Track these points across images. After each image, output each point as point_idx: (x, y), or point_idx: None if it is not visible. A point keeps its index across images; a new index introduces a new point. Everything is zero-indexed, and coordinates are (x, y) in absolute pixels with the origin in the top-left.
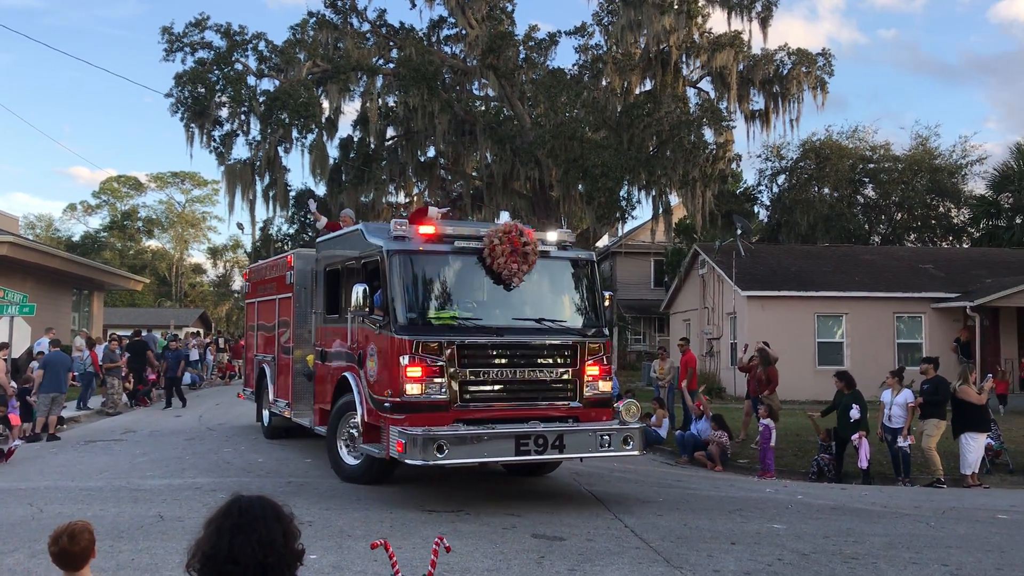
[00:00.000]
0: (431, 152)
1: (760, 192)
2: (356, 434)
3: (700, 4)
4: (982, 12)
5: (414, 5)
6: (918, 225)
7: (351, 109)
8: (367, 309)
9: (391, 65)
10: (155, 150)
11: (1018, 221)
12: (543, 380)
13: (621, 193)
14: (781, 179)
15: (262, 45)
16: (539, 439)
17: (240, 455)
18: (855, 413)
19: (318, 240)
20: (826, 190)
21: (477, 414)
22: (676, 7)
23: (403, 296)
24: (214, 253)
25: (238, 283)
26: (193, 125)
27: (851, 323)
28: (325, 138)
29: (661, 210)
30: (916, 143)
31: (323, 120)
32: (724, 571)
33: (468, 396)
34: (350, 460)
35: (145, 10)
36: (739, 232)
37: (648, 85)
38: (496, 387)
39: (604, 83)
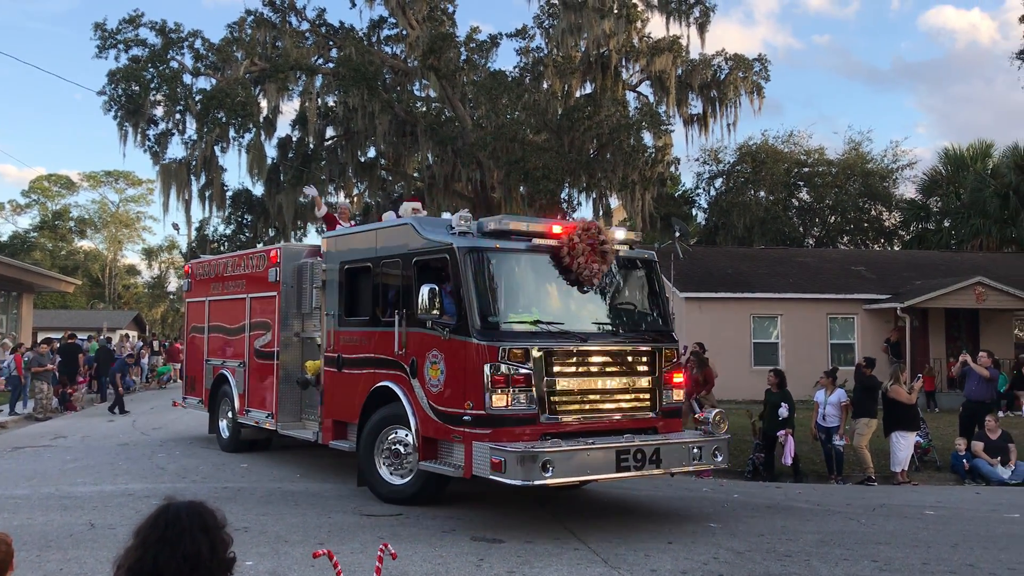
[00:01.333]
0: (372, 152)
1: (698, 195)
2: (403, 451)
3: (639, 9)
4: (912, 20)
5: (354, 5)
6: (851, 228)
7: (290, 109)
8: (436, 312)
9: (330, 65)
10: (87, 148)
11: (946, 224)
12: (626, 389)
13: (562, 195)
14: (718, 182)
15: (198, 43)
16: (638, 453)
17: (175, 460)
18: (783, 411)
19: (329, 234)
20: (762, 193)
21: (563, 427)
22: (616, 12)
23: (482, 298)
24: (149, 254)
25: (174, 284)
26: (127, 124)
27: (786, 324)
28: (263, 138)
29: (601, 212)
30: (849, 148)
31: (261, 120)
32: (661, 570)
33: (555, 407)
34: (394, 479)
35: (76, 5)
36: (677, 234)
37: (588, 88)
38: (582, 397)
39: (545, 86)
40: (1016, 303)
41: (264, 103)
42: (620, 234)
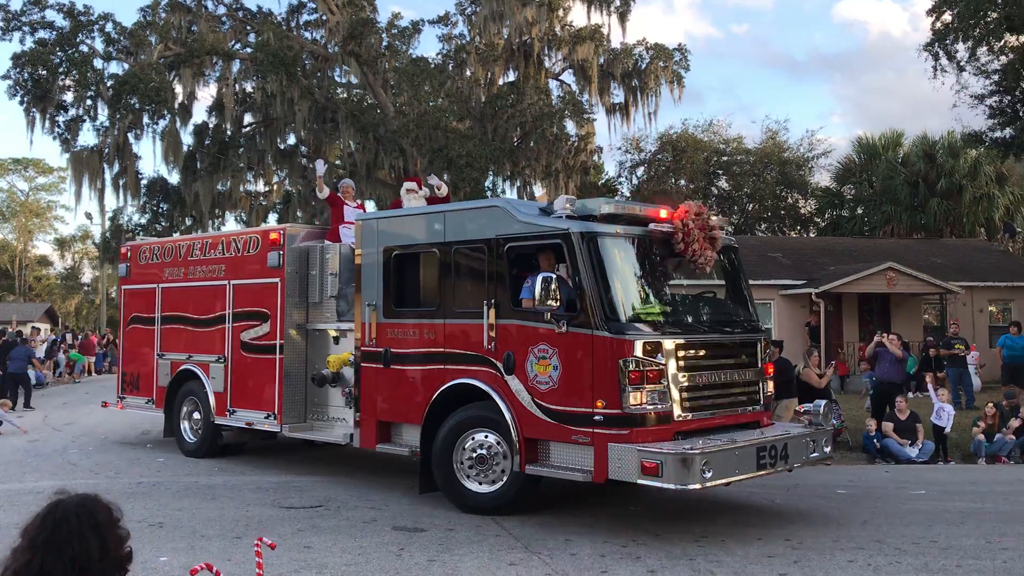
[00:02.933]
0: (291, 139)
1: (621, 183)
2: (486, 454)
3: None
4: (827, 10)
5: None
6: (768, 215)
7: (206, 95)
8: (553, 303)
9: (248, 50)
10: None
11: (859, 212)
12: (740, 383)
13: (486, 183)
14: (640, 171)
15: (109, 26)
16: (772, 449)
17: (88, 456)
18: None
19: (367, 216)
20: (682, 182)
21: (691, 425)
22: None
23: (610, 287)
24: (61, 244)
25: (89, 275)
26: (34, 109)
27: None
28: (179, 124)
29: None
30: (766, 137)
31: (176, 106)
32: (580, 554)
33: (684, 404)
34: (480, 487)
35: None
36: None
37: (511, 76)
38: (707, 393)
39: (468, 73)
40: (924, 287)
41: (179, 89)
42: (713, 219)
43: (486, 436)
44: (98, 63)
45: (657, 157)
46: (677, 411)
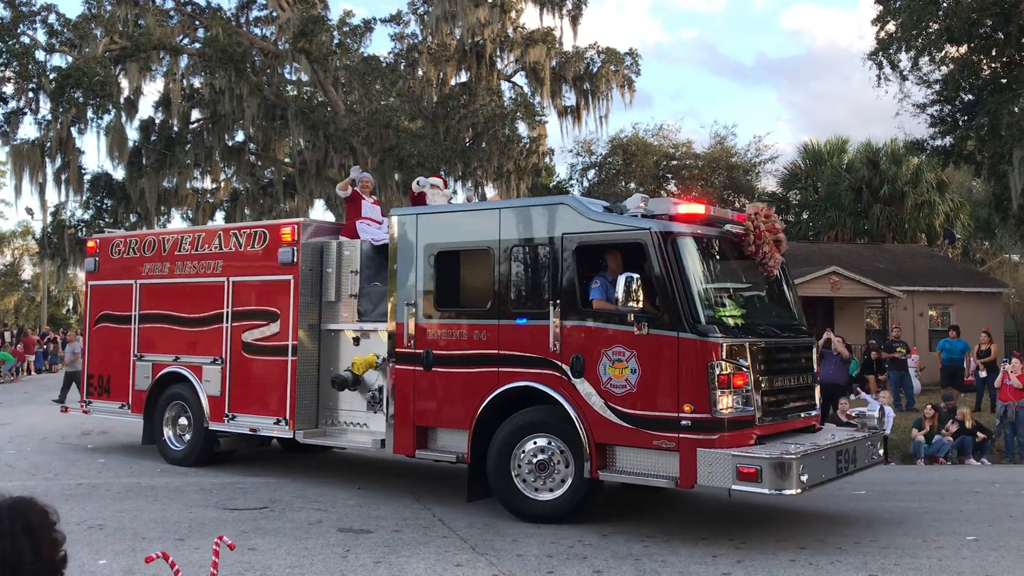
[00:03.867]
0: (240, 136)
1: (572, 186)
2: (547, 460)
3: None
4: (775, 17)
5: None
6: None
7: (152, 90)
8: (635, 304)
9: (197, 45)
10: None
11: (804, 217)
12: (803, 386)
13: None
14: (591, 174)
15: (52, 18)
16: (847, 453)
17: (25, 457)
18: None
19: (404, 212)
20: (632, 185)
21: (768, 429)
22: (490, 0)
23: (695, 289)
24: (0, 240)
25: (29, 272)
26: None
27: None
28: (124, 119)
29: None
30: (715, 142)
31: (122, 100)
32: (527, 555)
33: (763, 408)
34: (539, 494)
35: None
36: None
37: (464, 77)
38: (780, 397)
39: (420, 73)
40: (867, 292)
41: (125, 83)
42: (779, 222)
43: (548, 442)
44: (40, 55)
45: (608, 160)
46: (757, 415)
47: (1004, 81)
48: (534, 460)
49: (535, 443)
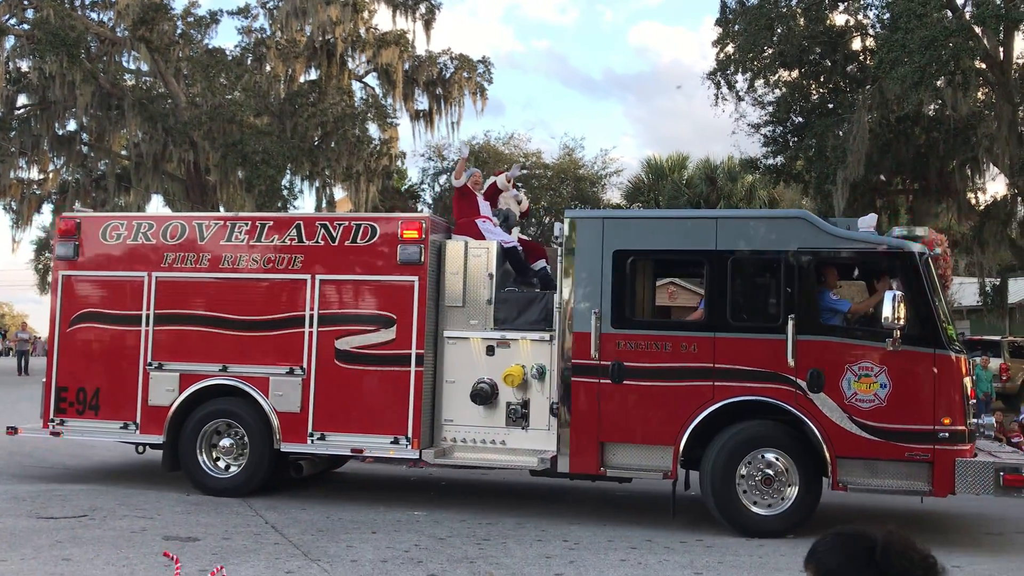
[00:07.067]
0: (71, 125)
1: (423, 190)
2: (772, 475)
3: None
4: (623, 33)
5: None
6: None
7: None
8: (898, 321)
9: (25, 26)
10: None
11: None
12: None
13: (284, 182)
14: (443, 179)
15: None
16: None
17: None
18: None
19: (589, 215)
20: None
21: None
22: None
23: (940, 307)
24: None
25: None
26: None
27: None
28: None
29: (325, 202)
30: (564, 153)
31: None
32: (362, 560)
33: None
34: (761, 510)
35: None
36: None
37: (313, 75)
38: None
39: (268, 68)
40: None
41: None
42: None
43: (776, 457)
44: None
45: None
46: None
47: (831, 106)
48: (759, 475)
49: (765, 457)
